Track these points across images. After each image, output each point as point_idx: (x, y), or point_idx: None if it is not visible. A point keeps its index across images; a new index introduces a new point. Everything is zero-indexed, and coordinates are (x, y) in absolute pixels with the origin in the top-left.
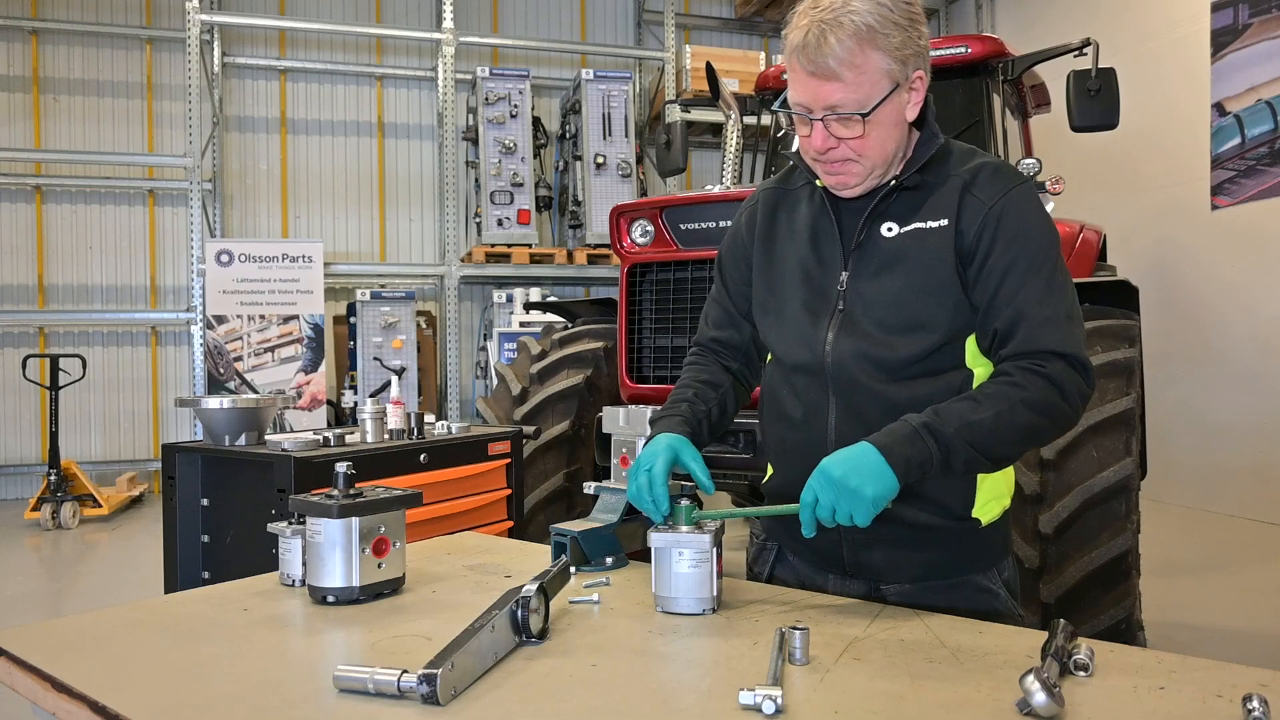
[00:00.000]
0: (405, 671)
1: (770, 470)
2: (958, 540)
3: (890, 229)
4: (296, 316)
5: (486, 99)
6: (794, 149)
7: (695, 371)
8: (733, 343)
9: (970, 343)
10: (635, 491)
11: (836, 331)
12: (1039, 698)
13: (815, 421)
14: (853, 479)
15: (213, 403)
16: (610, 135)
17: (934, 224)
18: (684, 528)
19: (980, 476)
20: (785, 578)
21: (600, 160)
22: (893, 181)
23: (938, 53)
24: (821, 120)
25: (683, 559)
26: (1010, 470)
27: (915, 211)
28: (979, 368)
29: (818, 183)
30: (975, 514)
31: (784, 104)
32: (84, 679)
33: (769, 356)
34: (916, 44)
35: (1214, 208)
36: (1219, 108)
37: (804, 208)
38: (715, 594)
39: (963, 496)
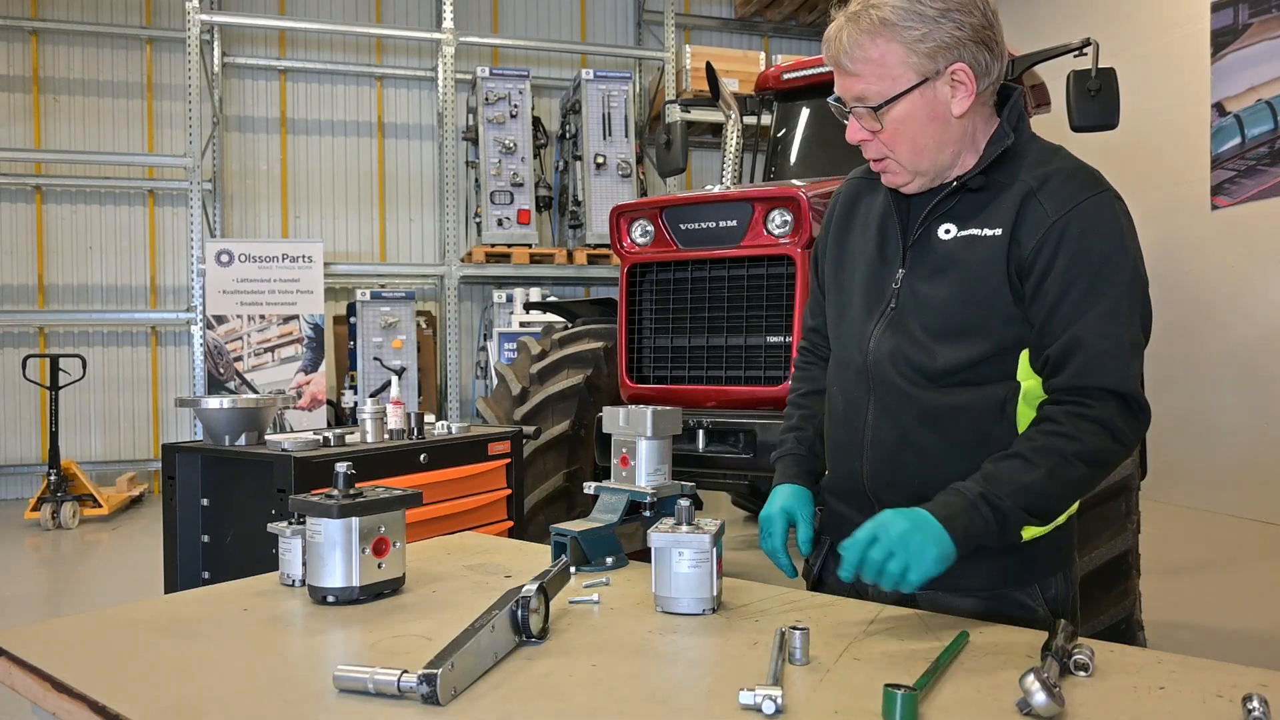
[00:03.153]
0: (405, 671)
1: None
2: (997, 553)
3: (948, 231)
4: (296, 316)
5: (486, 99)
6: None
7: (799, 383)
8: (825, 331)
9: (1025, 355)
10: (767, 550)
11: (883, 329)
12: (1039, 698)
13: (855, 418)
14: (916, 536)
15: (213, 403)
16: (610, 135)
17: (989, 232)
18: (684, 528)
19: None
20: (832, 579)
21: (600, 160)
22: (955, 182)
23: None
24: (852, 112)
25: (683, 559)
26: None
27: (975, 215)
28: (1029, 380)
29: None
30: None
31: (837, 99)
32: (84, 679)
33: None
34: (951, 35)
35: (1214, 208)
36: (1219, 108)
37: (879, 200)
38: (715, 594)
39: None
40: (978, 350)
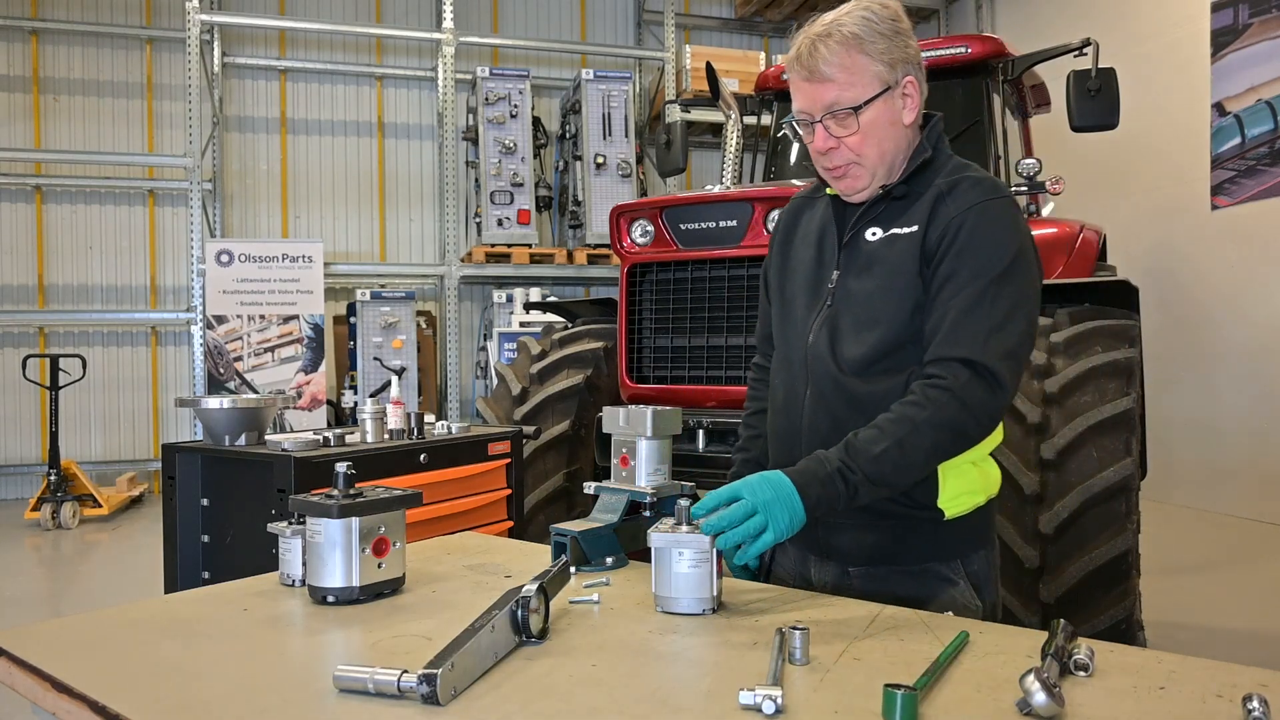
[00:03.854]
0: (405, 671)
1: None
2: (920, 528)
3: (874, 234)
4: (296, 316)
5: (486, 99)
6: None
7: (751, 401)
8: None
9: None
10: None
11: (820, 324)
12: (1039, 698)
13: (793, 408)
14: (777, 503)
15: (213, 403)
16: (610, 135)
17: (907, 230)
18: (684, 528)
19: (944, 471)
20: (782, 566)
21: (600, 160)
22: (881, 189)
23: (938, 52)
24: (821, 122)
25: (683, 559)
26: (988, 470)
27: (897, 218)
28: None
29: (828, 190)
30: (940, 505)
31: (791, 118)
32: (84, 679)
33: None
34: (904, 51)
35: (1214, 208)
36: (1219, 108)
37: (819, 213)
38: (715, 594)
39: (926, 487)
40: (887, 339)
